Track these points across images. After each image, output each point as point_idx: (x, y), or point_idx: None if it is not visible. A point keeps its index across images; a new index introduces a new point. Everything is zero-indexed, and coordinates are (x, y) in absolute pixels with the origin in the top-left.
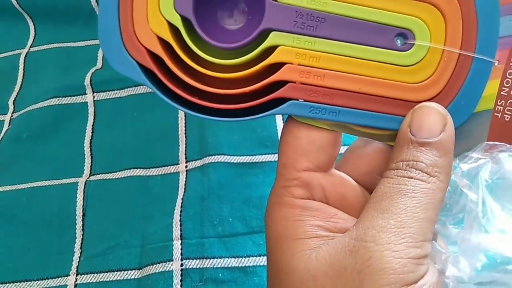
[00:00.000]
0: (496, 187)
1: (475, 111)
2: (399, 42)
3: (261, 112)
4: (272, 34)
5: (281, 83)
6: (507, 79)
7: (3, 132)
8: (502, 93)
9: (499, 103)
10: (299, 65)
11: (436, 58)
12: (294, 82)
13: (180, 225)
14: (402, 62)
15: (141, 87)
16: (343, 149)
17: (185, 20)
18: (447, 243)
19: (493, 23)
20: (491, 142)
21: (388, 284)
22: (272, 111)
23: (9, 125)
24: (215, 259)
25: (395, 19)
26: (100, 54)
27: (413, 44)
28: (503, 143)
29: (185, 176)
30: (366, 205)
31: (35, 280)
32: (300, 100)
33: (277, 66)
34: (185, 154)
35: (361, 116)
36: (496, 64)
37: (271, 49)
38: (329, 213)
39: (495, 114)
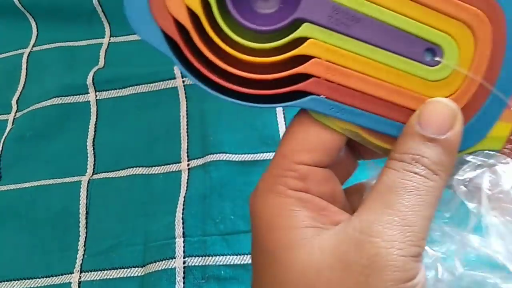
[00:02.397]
0: (495, 200)
1: (483, 148)
2: (428, 57)
3: (279, 102)
4: (305, 25)
5: (305, 77)
6: None
7: (6, 131)
8: None
9: (507, 147)
10: (326, 61)
11: (460, 78)
12: (319, 78)
13: (183, 223)
14: (428, 76)
15: (143, 85)
16: None
17: None
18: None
19: None
20: (489, 152)
21: (392, 280)
22: (292, 102)
23: (12, 124)
24: (217, 257)
25: (428, 33)
26: (102, 53)
27: (440, 62)
28: (501, 155)
29: (187, 174)
30: (370, 197)
31: (39, 278)
32: (321, 96)
33: (304, 58)
34: (187, 152)
35: (378, 122)
36: None
37: (300, 40)
38: (321, 206)
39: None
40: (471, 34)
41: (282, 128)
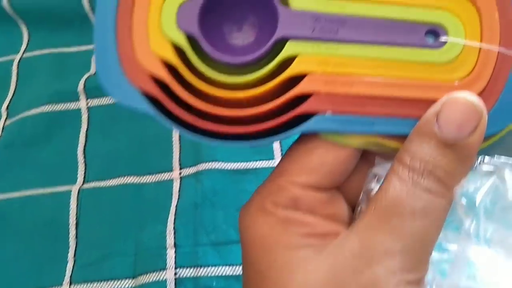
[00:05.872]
0: (494, 210)
1: None
2: (430, 40)
3: (282, 133)
4: (289, 43)
5: (303, 98)
6: None
7: None
8: None
9: None
10: (322, 73)
11: (474, 52)
12: (319, 94)
13: (174, 233)
14: (437, 59)
15: None
16: None
17: (189, 39)
18: None
19: None
20: (504, 157)
21: None
22: (295, 129)
23: (2, 132)
24: (209, 268)
25: (423, 15)
26: (93, 59)
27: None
28: None
29: (179, 183)
30: (371, 211)
31: None
32: (328, 113)
33: (297, 80)
34: (179, 160)
35: (399, 124)
36: None
37: (289, 61)
38: (311, 222)
39: None
40: (470, 3)
41: None
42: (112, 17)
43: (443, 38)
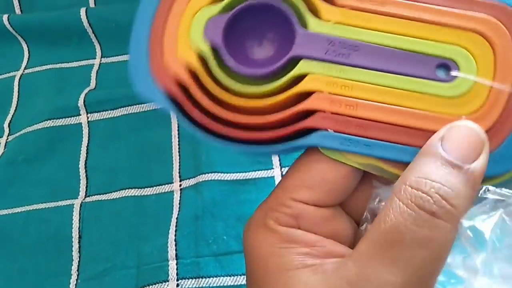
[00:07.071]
0: (501, 247)
1: None
2: (440, 73)
3: (285, 143)
4: (302, 61)
5: (310, 113)
6: None
7: None
8: None
9: None
10: (329, 93)
11: (484, 90)
12: (324, 112)
13: (175, 245)
14: (445, 93)
15: (134, 106)
16: None
17: (212, 50)
18: None
19: None
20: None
21: None
22: (298, 141)
23: (4, 148)
24: (211, 278)
25: (436, 49)
26: (93, 74)
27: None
28: None
29: (179, 195)
30: (371, 237)
31: None
32: (330, 130)
33: (306, 95)
34: (179, 172)
35: (398, 150)
36: None
37: (300, 78)
38: (312, 240)
39: None
40: (486, 41)
41: None
42: (148, 24)
43: (453, 73)
